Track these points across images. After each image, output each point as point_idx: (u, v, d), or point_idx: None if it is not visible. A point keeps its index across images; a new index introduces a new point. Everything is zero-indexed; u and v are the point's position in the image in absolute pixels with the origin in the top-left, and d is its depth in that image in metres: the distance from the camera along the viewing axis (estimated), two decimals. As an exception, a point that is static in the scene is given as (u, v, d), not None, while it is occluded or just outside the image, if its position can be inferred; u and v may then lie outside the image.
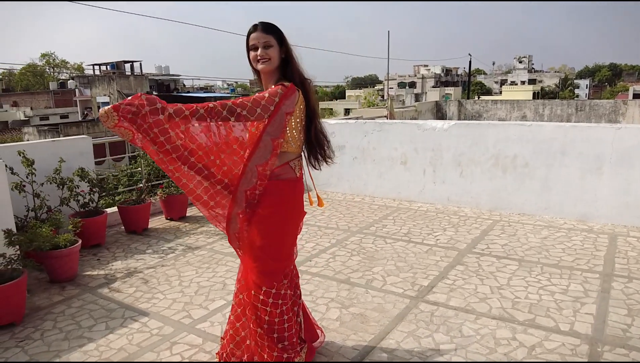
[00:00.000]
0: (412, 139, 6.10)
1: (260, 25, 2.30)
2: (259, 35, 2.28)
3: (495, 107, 16.15)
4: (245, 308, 2.51)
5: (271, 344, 2.43)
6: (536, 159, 5.24)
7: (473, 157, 5.67)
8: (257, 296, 2.40)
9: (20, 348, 2.98)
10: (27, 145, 4.73)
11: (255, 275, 2.40)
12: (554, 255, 4.19)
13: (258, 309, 2.41)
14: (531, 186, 5.32)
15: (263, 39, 2.28)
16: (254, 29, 2.30)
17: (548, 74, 69.64)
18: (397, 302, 3.40)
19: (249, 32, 2.31)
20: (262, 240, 2.37)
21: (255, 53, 2.30)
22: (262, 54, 2.29)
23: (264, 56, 2.29)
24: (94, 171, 4.86)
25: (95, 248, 4.76)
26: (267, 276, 2.40)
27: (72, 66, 68.76)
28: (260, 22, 2.31)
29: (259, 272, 2.39)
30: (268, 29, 2.29)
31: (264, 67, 2.31)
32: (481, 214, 5.49)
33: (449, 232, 4.91)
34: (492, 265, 4.02)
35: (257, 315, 2.42)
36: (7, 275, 3.26)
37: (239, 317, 2.58)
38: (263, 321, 2.41)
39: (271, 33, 2.29)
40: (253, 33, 2.29)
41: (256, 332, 2.44)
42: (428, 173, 6.05)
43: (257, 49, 2.29)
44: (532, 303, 3.32)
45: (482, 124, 5.70)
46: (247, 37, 2.32)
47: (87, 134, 29.31)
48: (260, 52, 2.29)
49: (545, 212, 5.26)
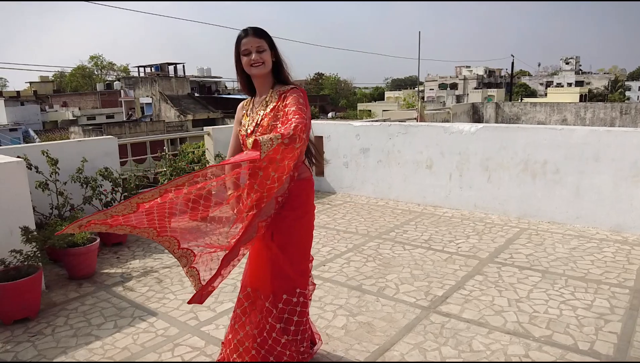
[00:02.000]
0: (439, 142, 5.93)
1: (251, 30, 2.27)
2: (252, 39, 2.26)
3: (534, 109, 15.52)
4: (254, 314, 2.40)
5: (295, 345, 2.42)
6: (567, 165, 4.98)
7: (501, 162, 5.45)
8: (289, 300, 2.37)
9: (31, 343, 3.05)
10: (53, 145, 4.88)
11: (291, 279, 2.37)
12: (582, 267, 3.95)
13: (287, 312, 2.37)
14: (562, 194, 5.05)
15: (256, 43, 2.25)
16: (245, 34, 2.27)
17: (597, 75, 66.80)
18: (407, 312, 3.28)
19: (240, 38, 2.29)
20: (296, 241, 2.37)
21: (249, 58, 2.27)
22: (257, 58, 2.26)
23: (258, 60, 2.26)
24: (116, 170, 4.95)
25: (116, 246, 4.85)
26: (302, 277, 2.42)
27: (119, 67, 71.30)
28: (250, 27, 2.29)
29: (296, 275, 2.38)
30: (259, 34, 2.28)
31: (258, 71, 2.29)
32: (508, 222, 5.26)
33: (472, 240, 4.73)
34: (513, 275, 3.83)
35: (284, 320, 2.37)
36: (24, 271, 3.36)
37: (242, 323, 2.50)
38: (292, 322, 2.39)
39: (263, 37, 2.28)
40: (244, 38, 2.27)
41: (280, 341, 2.36)
42: (454, 178, 5.86)
43: (250, 53, 2.26)
44: (551, 319, 3.13)
45: (510, 128, 5.47)
46: (238, 43, 2.29)
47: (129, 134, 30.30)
48: (254, 57, 2.26)
49: (577, 221, 4.99)
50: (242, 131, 2.39)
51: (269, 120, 2.28)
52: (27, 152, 4.34)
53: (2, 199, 3.52)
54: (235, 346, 2.44)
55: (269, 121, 2.28)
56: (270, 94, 2.35)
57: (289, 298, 2.37)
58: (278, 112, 2.27)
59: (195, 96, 39.29)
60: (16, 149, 4.48)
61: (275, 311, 2.35)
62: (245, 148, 2.39)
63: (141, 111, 40.00)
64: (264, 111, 2.32)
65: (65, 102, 50.28)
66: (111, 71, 70.76)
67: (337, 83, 75.14)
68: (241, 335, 2.41)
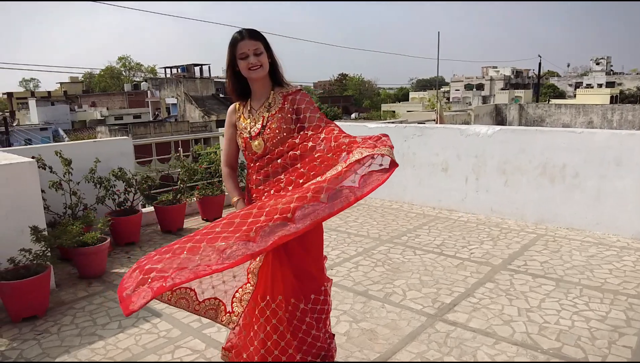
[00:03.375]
0: (455, 144, 5.81)
1: (246, 33, 2.22)
2: (248, 42, 2.20)
3: (559, 111, 15.07)
4: (287, 321, 2.29)
5: (329, 337, 2.44)
6: (587, 169, 4.80)
7: (519, 165, 5.30)
8: (317, 299, 2.35)
9: (36, 342, 3.09)
10: (68, 145, 4.98)
11: (315, 278, 2.35)
12: (599, 276, 3.80)
13: (316, 311, 2.35)
14: (581, 199, 4.88)
15: (253, 47, 2.20)
16: (241, 38, 2.21)
17: (629, 76, 64.69)
18: (412, 319, 3.21)
19: (236, 41, 2.22)
20: (317, 239, 2.38)
21: (247, 62, 2.21)
22: (255, 61, 2.21)
23: (257, 63, 2.22)
24: (130, 171, 5.00)
25: (129, 246, 4.90)
26: (323, 273, 2.42)
27: (146, 68, 72.67)
28: (244, 29, 2.23)
29: (318, 273, 2.37)
30: (255, 36, 2.22)
31: (257, 74, 2.25)
32: (525, 227, 5.11)
33: (486, 245, 4.61)
34: (525, 284, 3.71)
35: (315, 319, 2.34)
36: (33, 269, 3.41)
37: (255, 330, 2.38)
38: (320, 320, 2.37)
39: (259, 39, 2.22)
40: (241, 42, 2.21)
41: (319, 337, 2.35)
42: (470, 181, 5.73)
43: (248, 57, 2.21)
44: (562, 330, 3.01)
45: (528, 130, 5.32)
46: (233, 47, 2.23)
47: (154, 134, 30.80)
48: (252, 60, 2.21)
49: (597, 227, 4.81)
50: (245, 134, 2.35)
51: (279, 122, 2.26)
52: (42, 152, 4.42)
53: (13, 199, 3.59)
54: (275, 357, 2.30)
55: (279, 123, 2.25)
56: (272, 96, 2.32)
57: (317, 297, 2.36)
58: (286, 115, 2.26)
59: (220, 97, 39.73)
60: (32, 149, 4.57)
61: (310, 311, 2.33)
62: (248, 150, 2.36)
63: (167, 111, 40.70)
64: (268, 113, 2.30)
65: (94, 102, 51.49)
66: (139, 71, 72.21)
67: (361, 84, 74.93)
68: (282, 344, 2.28)
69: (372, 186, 1.92)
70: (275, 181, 2.24)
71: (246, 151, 2.37)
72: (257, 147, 2.29)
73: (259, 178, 2.30)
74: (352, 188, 1.93)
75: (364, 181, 1.93)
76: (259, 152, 2.29)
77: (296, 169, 2.18)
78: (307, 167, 2.15)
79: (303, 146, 2.17)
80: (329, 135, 2.11)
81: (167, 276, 1.72)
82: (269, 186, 2.26)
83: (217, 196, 5.77)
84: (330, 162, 2.08)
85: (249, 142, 2.34)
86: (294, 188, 2.13)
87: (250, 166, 2.37)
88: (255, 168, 2.33)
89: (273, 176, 2.26)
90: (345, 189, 1.92)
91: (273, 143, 2.25)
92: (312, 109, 2.23)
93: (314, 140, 2.15)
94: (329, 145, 2.09)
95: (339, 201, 1.88)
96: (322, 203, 1.87)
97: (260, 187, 2.30)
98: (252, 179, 2.35)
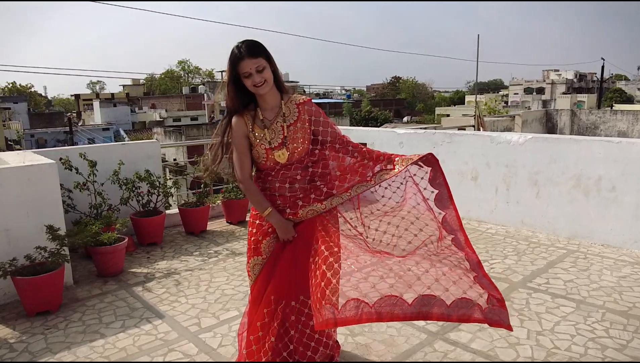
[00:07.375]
0: (485, 152, 5.57)
1: (245, 51, 2.18)
2: (249, 62, 2.17)
3: (615, 118, 14.06)
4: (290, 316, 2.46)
5: None
6: (625, 182, 4.45)
7: (551, 176, 4.99)
8: None
9: (43, 336, 3.23)
10: (97, 147, 5.19)
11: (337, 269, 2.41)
12: (627, 300, 3.50)
13: None
14: (618, 214, 4.52)
15: (255, 65, 2.18)
16: (240, 56, 2.18)
17: None
18: (411, 336, 3.08)
19: (237, 59, 2.19)
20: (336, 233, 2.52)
21: (251, 80, 2.20)
22: (259, 80, 2.21)
23: (260, 81, 2.21)
24: (154, 173, 5.14)
25: (151, 246, 5.04)
26: None
27: (204, 72, 75.13)
28: (243, 45, 2.19)
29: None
30: (255, 53, 2.19)
31: (263, 90, 2.25)
32: (556, 242, 4.80)
33: (509, 260, 4.37)
34: (542, 304, 3.47)
35: None
36: (48, 266, 3.57)
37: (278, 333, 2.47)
38: None
39: (260, 55, 2.20)
40: (242, 61, 2.18)
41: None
42: (501, 191, 5.47)
43: (251, 75, 2.19)
44: (572, 357, 2.78)
45: (562, 140, 5.00)
46: (235, 65, 2.20)
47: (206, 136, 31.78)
48: (257, 79, 2.20)
49: (634, 245, 4.44)
50: (266, 145, 2.34)
51: (301, 132, 2.34)
52: (70, 154, 4.63)
53: (34, 198, 3.77)
54: (301, 354, 2.48)
55: (302, 133, 2.34)
56: (284, 104, 2.36)
57: None
58: (304, 124, 2.35)
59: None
60: (59, 151, 4.79)
61: None
62: (270, 160, 2.35)
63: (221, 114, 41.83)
64: (286, 121, 2.34)
65: (154, 104, 53.71)
66: (197, 75, 74.78)
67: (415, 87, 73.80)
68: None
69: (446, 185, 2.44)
70: (310, 187, 2.37)
71: (267, 161, 2.37)
72: (281, 157, 2.34)
73: (284, 185, 2.36)
74: None
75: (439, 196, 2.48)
76: (283, 161, 2.34)
77: (332, 176, 2.40)
78: (342, 173, 2.39)
79: (334, 156, 2.41)
80: (357, 147, 2.40)
81: None
82: (302, 193, 2.37)
83: (241, 199, 5.82)
84: (363, 171, 2.37)
85: (270, 152, 2.34)
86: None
87: (270, 173, 2.39)
88: (276, 176, 2.37)
89: (303, 184, 2.38)
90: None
91: (298, 151, 2.34)
92: (324, 121, 2.41)
93: (344, 151, 2.40)
94: (362, 155, 2.38)
95: None
96: None
97: (288, 194, 2.37)
98: (274, 188, 2.39)
